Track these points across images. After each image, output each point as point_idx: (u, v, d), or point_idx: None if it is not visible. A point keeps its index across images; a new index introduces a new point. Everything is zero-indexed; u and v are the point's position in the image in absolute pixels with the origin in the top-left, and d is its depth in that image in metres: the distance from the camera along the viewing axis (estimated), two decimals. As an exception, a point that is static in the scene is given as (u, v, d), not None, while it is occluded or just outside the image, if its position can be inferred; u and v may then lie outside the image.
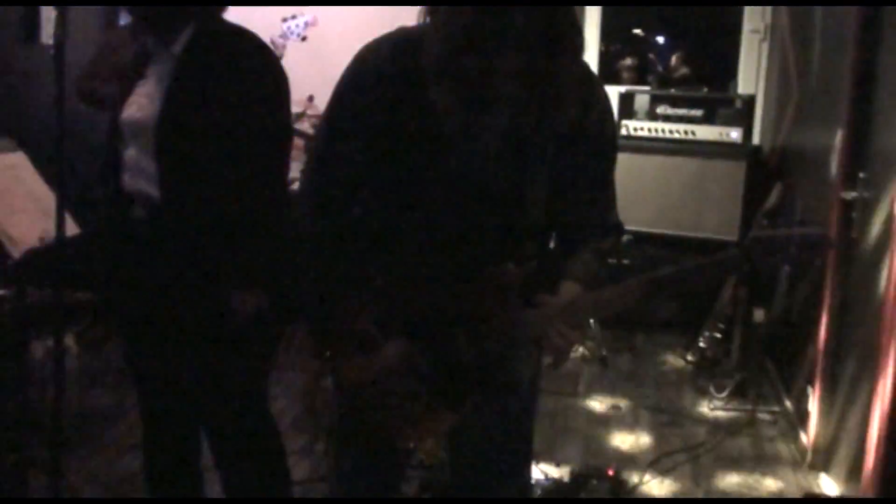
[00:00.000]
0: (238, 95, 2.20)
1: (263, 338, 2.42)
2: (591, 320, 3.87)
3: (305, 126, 4.48)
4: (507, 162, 1.72)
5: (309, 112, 4.68)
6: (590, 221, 1.83)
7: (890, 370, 2.65)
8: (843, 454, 3.26)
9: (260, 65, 2.26)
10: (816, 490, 3.37)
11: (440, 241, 1.77)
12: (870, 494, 2.75)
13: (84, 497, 2.89)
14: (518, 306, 1.73)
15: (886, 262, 2.75)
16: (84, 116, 3.39)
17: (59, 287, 2.53)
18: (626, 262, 5.14)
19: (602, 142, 1.80)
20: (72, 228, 3.37)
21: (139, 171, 2.26)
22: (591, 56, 5.62)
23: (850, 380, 3.23)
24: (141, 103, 2.26)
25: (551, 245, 1.91)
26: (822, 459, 3.50)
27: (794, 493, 3.30)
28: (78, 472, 3.16)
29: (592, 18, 5.74)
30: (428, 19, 1.59)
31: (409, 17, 1.79)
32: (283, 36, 4.26)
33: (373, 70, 1.71)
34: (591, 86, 1.76)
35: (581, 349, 4.80)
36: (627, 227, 1.94)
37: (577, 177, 1.79)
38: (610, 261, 1.85)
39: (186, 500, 2.58)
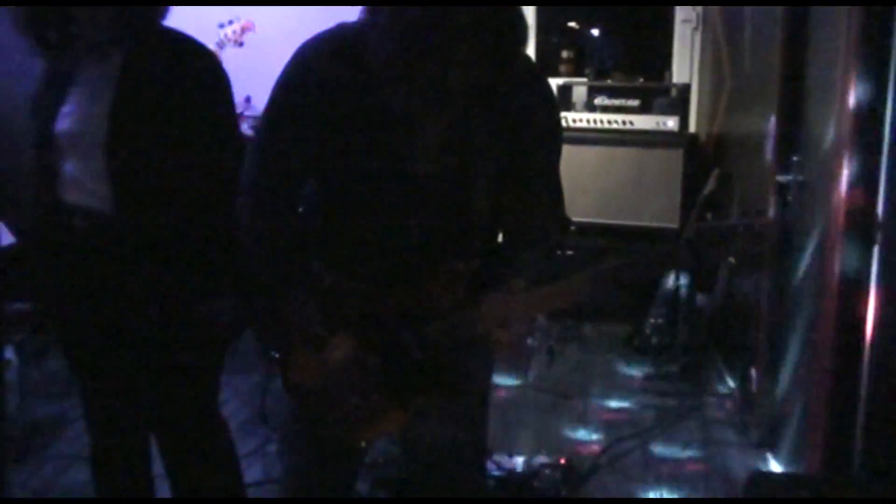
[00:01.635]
0: (187, 102, 2.16)
1: (218, 342, 2.40)
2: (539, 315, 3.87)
3: (244, 128, 4.44)
4: (452, 157, 1.72)
5: (246, 113, 4.64)
6: (537, 216, 1.84)
7: (830, 349, 2.72)
8: (788, 433, 3.33)
9: (206, 69, 2.22)
10: (763, 469, 3.43)
11: (385, 239, 1.76)
12: (814, 471, 2.82)
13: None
14: (466, 304, 1.73)
15: (821, 242, 2.82)
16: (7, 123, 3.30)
17: (-3, 298, 2.47)
18: (569, 252, 5.20)
19: (547, 135, 1.82)
20: (6, 238, 3.30)
21: (79, 185, 2.19)
22: (529, 50, 5.65)
23: (791, 360, 3.30)
24: (78, 114, 2.18)
25: (498, 241, 1.92)
26: (767, 439, 3.58)
27: (742, 473, 3.36)
28: (24, 485, 3.10)
29: (528, 13, 5.78)
30: (369, 17, 1.59)
31: (349, 17, 1.77)
32: (220, 44, 4.20)
33: (313, 68, 1.69)
34: (535, 79, 1.78)
35: (529, 340, 4.84)
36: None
37: (523, 171, 1.80)
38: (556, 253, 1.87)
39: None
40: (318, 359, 1.78)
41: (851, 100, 2.58)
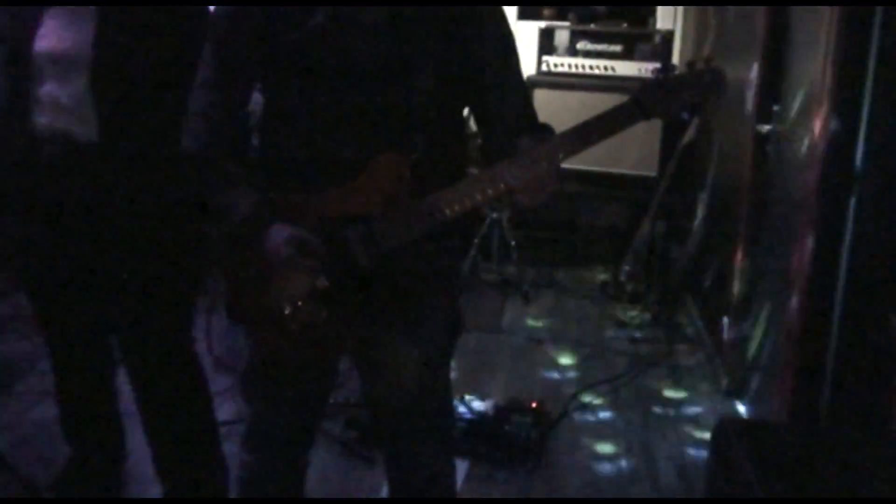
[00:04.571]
0: (170, 23, 2.13)
1: (192, 272, 2.37)
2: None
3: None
4: (390, 43, 1.70)
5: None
6: (516, 112, 1.83)
7: (801, 299, 2.73)
8: (757, 381, 3.36)
9: None
10: (731, 415, 3.47)
11: (324, 131, 1.73)
12: (782, 417, 2.85)
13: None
14: (411, 203, 1.70)
15: (799, 192, 2.81)
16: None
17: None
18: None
19: (500, 34, 1.80)
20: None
21: (58, 107, 2.14)
22: (512, -9, 5.59)
23: (763, 310, 3.32)
24: (60, 35, 2.13)
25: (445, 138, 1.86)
26: (737, 386, 3.61)
27: (711, 419, 3.40)
28: (-9, 420, 3.09)
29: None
30: None
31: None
32: None
33: None
34: None
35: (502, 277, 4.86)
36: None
37: (483, 76, 1.78)
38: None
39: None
40: (259, 266, 1.72)
41: (834, 48, 2.55)
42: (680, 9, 5.60)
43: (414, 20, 1.70)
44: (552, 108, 5.01)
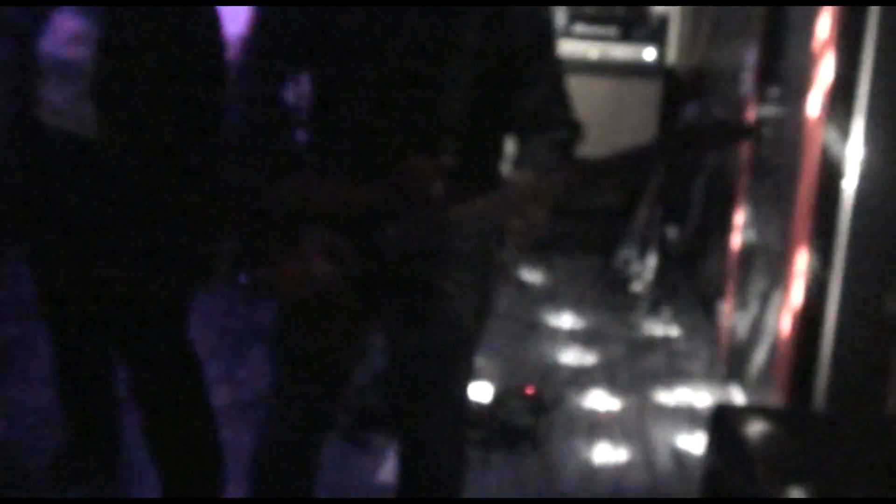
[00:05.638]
0: (176, 32, 2.10)
1: (193, 264, 2.37)
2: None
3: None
4: (424, 48, 1.70)
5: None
6: (540, 116, 1.81)
7: (798, 282, 2.72)
8: (754, 365, 3.36)
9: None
10: (728, 400, 3.47)
11: (356, 133, 1.75)
12: (779, 402, 2.84)
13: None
14: (441, 203, 1.69)
15: (795, 175, 2.80)
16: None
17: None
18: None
19: (534, 35, 1.79)
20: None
21: (63, 111, 2.13)
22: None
23: (760, 294, 3.31)
24: (64, 38, 2.10)
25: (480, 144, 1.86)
26: (734, 371, 3.61)
27: (708, 405, 3.40)
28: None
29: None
30: None
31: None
32: None
33: None
34: None
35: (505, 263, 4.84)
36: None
37: (516, 73, 1.77)
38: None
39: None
40: (292, 250, 1.74)
41: (830, 33, 2.53)
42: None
43: (452, 14, 1.69)
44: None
